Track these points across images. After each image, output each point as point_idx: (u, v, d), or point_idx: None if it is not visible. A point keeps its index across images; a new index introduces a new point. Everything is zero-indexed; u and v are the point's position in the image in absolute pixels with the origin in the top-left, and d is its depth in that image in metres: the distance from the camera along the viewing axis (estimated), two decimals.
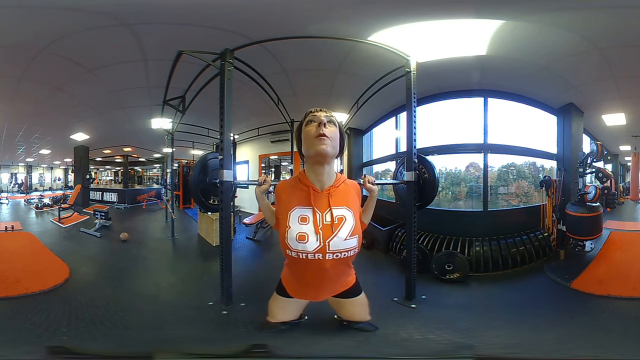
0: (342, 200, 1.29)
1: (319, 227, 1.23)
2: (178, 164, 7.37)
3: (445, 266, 3.19)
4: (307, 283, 1.44)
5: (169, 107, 3.88)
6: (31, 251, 3.64)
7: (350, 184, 1.41)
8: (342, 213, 1.26)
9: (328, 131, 1.26)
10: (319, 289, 1.47)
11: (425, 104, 3.98)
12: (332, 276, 1.37)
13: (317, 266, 1.26)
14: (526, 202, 4.26)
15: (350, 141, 5.57)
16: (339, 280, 1.46)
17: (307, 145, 1.28)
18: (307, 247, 1.22)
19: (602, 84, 3.46)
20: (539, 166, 4.30)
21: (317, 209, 1.25)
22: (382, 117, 5.06)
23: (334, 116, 1.37)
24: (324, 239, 1.22)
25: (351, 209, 1.30)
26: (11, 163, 6.42)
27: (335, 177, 1.35)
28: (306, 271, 1.34)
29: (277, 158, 6.38)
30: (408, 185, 2.72)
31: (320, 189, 1.30)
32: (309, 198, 1.26)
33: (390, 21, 2.72)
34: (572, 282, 2.90)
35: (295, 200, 1.29)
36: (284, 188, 1.38)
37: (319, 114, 1.33)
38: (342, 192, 1.32)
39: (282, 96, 4.08)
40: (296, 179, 1.36)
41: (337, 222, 1.24)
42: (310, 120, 1.33)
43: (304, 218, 1.24)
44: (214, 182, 2.46)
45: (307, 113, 1.39)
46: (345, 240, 1.25)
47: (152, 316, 2.39)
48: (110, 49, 3.25)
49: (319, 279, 1.38)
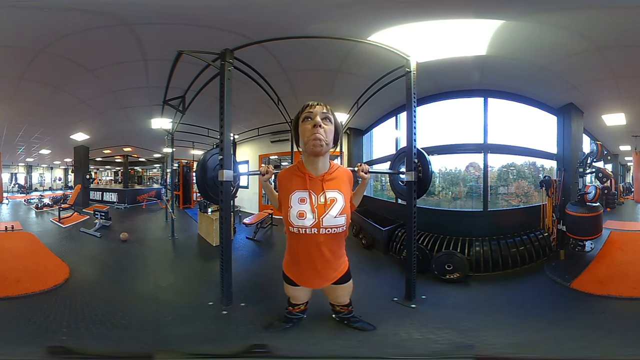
0: (334, 185, 1.50)
1: (314, 206, 1.45)
2: (178, 164, 7.37)
3: (445, 266, 3.19)
4: (306, 263, 1.58)
5: (169, 107, 3.89)
6: (31, 251, 3.64)
7: (343, 171, 1.60)
8: (333, 195, 1.47)
9: (323, 131, 1.38)
10: (314, 274, 1.61)
11: (425, 104, 3.98)
12: (325, 258, 1.55)
13: (313, 240, 1.48)
14: (526, 202, 4.26)
15: (350, 141, 5.57)
16: (332, 266, 1.61)
17: (304, 141, 1.43)
18: (305, 223, 1.44)
19: (602, 84, 3.46)
20: (539, 166, 4.30)
21: (312, 192, 1.46)
22: (382, 117, 5.06)
23: (329, 110, 1.46)
24: (319, 216, 1.44)
25: (342, 193, 1.50)
26: (11, 163, 6.42)
27: (329, 166, 1.53)
28: (304, 246, 1.52)
29: (277, 158, 6.38)
30: (408, 185, 2.72)
31: (316, 175, 1.50)
32: (306, 183, 1.47)
33: (390, 21, 2.72)
34: (572, 282, 2.90)
35: (295, 185, 1.49)
36: (284, 175, 1.57)
37: (316, 110, 1.40)
38: (334, 178, 1.52)
39: (282, 96, 4.08)
40: (295, 167, 1.55)
41: (329, 203, 1.46)
42: (307, 117, 1.42)
43: (302, 199, 1.46)
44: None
45: (304, 106, 1.46)
46: (335, 217, 1.47)
47: (152, 316, 2.39)
48: (110, 49, 3.25)
49: (314, 257, 1.54)
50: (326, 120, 1.41)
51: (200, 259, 4.13)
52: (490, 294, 2.97)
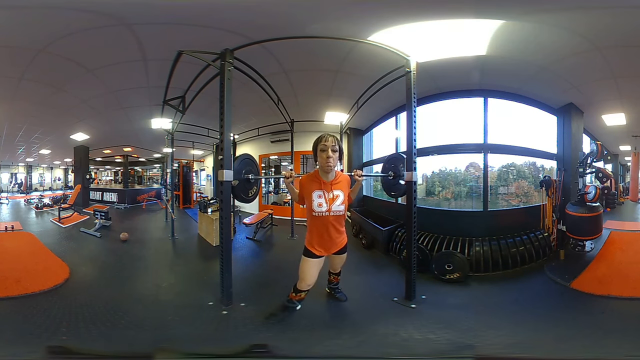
0: (338, 187, 2.23)
1: (327, 199, 2.19)
2: (178, 164, 7.37)
3: (445, 266, 3.19)
4: (322, 235, 2.25)
5: (169, 107, 3.88)
6: (31, 251, 3.64)
7: (344, 177, 2.30)
8: (337, 193, 2.22)
9: (332, 159, 2.11)
10: (330, 241, 2.27)
11: (425, 104, 3.99)
12: (333, 231, 2.25)
13: (327, 220, 2.21)
14: (526, 202, 4.26)
15: (351, 141, 5.58)
16: (338, 238, 2.30)
17: (321, 164, 2.16)
18: (322, 209, 2.19)
19: (602, 84, 3.46)
20: (539, 166, 4.30)
21: (325, 191, 2.20)
22: (382, 117, 5.06)
23: (337, 140, 2.14)
24: (329, 205, 2.18)
25: (343, 191, 2.24)
26: (11, 163, 6.42)
27: (336, 174, 2.25)
28: (321, 224, 2.23)
29: (277, 158, 6.38)
30: (408, 185, 2.72)
31: (327, 181, 2.21)
32: (321, 185, 2.20)
33: (390, 21, 2.72)
34: (572, 282, 2.90)
35: (314, 186, 2.20)
36: (306, 180, 2.25)
37: (328, 143, 2.09)
38: (338, 182, 2.25)
39: (282, 96, 4.08)
40: (314, 175, 2.25)
41: (335, 198, 2.20)
42: (322, 149, 2.11)
43: (320, 195, 2.19)
44: (248, 178, 2.74)
45: (320, 138, 2.13)
46: (339, 206, 2.21)
47: (152, 316, 2.39)
48: (110, 49, 3.25)
49: (328, 231, 2.24)
50: (334, 150, 2.11)
51: (200, 259, 4.13)
52: (490, 294, 2.96)
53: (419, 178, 3.42)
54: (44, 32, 2.93)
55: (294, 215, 4.86)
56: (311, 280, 2.28)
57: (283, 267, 3.29)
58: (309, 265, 2.26)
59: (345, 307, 2.56)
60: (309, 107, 4.61)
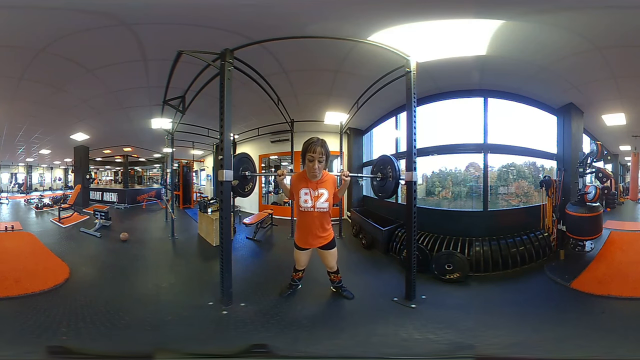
0: (323, 186, 2.42)
1: (312, 196, 2.41)
2: (178, 164, 7.37)
3: (445, 266, 3.19)
4: (307, 230, 2.48)
5: (169, 107, 3.88)
6: (31, 251, 3.65)
7: (329, 176, 2.47)
8: (322, 191, 2.41)
9: (319, 167, 2.32)
10: (314, 236, 2.49)
11: (425, 104, 3.99)
12: (317, 226, 2.46)
13: (311, 215, 2.43)
14: (526, 202, 4.26)
15: (350, 141, 5.58)
16: (322, 233, 2.50)
17: (307, 170, 2.37)
18: (308, 205, 2.41)
19: (602, 84, 3.46)
20: (539, 166, 4.30)
21: (311, 189, 2.41)
22: (382, 117, 5.07)
23: (325, 148, 2.30)
24: (314, 202, 2.41)
25: (328, 190, 2.43)
26: (11, 163, 6.43)
27: (322, 174, 2.42)
28: (306, 218, 2.45)
29: (277, 158, 6.38)
30: (408, 185, 2.73)
31: (313, 180, 2.40)
32: (308, 184, 2.41)
33: (390, 21, 2.72)
34: (572, 282, 2.90)
35: (302, 185, 2.42)
36: (296, 178, 2.47)
37: (316, 155, 2.27)
38: (324, 182, 2.43)
39: (282, 96, 4.08)
40: (302, 174, 2.44)
41: (319, 195, 2.41)
42: (309, 159, 2.30)
43: (307, 192, 2.41)
44: (244, 174, 2.94)
45: (309, 147, 2.29)
46: (323, 203, 2.41)
47: (152, 316, 2.39)
48: (110, 49, 3.25)
49: (312, 226, 2.46)
50: (321, 158, 2.28)
51: (200, 259, 4.13)
52: (490, 294, 2.96)
53: (419, 178, 3.43)
54: (44, 32, 2.93)
55: (294, 215, 4.86)
56: (303, 264, 2.68)
57: (283, 267, 3.29)
58: (299, 254, 2.63)
59: (345, 307, 2.56)
60: (309, 107, 4.61)
